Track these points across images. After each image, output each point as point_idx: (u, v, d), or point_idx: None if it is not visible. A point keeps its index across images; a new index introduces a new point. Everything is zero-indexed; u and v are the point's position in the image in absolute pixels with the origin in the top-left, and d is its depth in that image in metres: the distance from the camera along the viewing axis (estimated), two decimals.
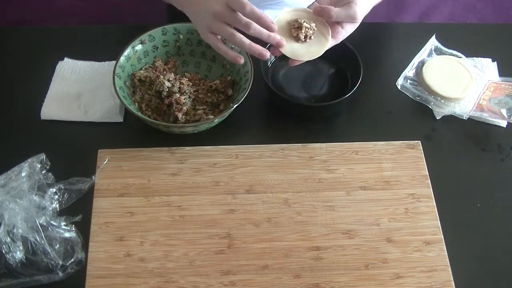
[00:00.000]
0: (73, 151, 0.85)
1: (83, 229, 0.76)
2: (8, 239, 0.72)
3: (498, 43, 1.02)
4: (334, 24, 0.78)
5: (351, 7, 0.75)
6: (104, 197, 0.79)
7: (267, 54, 0.75)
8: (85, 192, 0.79)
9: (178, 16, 0.90)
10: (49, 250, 0.72)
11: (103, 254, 0.74)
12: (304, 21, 0.77)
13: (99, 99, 0.90)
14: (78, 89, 0.91)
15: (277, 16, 0.79)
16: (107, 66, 0.94)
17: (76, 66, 0.94)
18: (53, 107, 0.89)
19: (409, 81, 0.93)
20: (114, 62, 0.86)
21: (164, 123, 0.83)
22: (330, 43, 0.78)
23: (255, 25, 0.72)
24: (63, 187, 0.78)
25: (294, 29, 0.77)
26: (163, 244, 0.75)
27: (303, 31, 0.77)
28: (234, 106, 0.82)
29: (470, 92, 0.91)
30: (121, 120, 0.88)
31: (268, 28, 0.74)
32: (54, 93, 0.90)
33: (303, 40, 0.77)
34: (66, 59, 0.95)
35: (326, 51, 0.78)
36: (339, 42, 0.79)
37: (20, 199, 0.74)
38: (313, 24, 0.78)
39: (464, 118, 0.88)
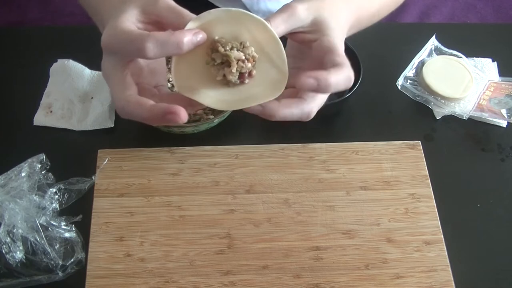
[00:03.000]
0: (73, 151, 0.84)
1: (83, 229, 0.76)
2: (8, 239, 0.72)
3: (498, 43, 1.02)
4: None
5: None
6: (104, 197, 0.79)
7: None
8: (85, 192, 0.79)
9: None
10: (49, 250, 0.72)
11: (103, 254, 0.74)
12: (230, 46, 0.44)
13: (90, 107, 0.88)
14: (69, 96, 0.89)
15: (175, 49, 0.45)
16: (96, 76, 0.91)
17: (68, 70, 0.90)
18: (45, 116, 0.87)
19: (409, 81, 0.93)
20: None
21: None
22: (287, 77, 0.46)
23: None
24: (63, 187, 0.78)
25: (215, 68, 0.44)
26: (163, 244, 0.75)
27: (233, 70, 0.44)
28: None
29: (470, 92, 0.91)
30: (112, 125, 0.87)
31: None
32: (47, 102, 0.88)
33: (238, 82, 0.45)
34: (59, 60, 0.92)
35: None
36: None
37: (20, 199, 0.74)
38: (252, 49, 0.45)
39: (464, 118, 0.88)
